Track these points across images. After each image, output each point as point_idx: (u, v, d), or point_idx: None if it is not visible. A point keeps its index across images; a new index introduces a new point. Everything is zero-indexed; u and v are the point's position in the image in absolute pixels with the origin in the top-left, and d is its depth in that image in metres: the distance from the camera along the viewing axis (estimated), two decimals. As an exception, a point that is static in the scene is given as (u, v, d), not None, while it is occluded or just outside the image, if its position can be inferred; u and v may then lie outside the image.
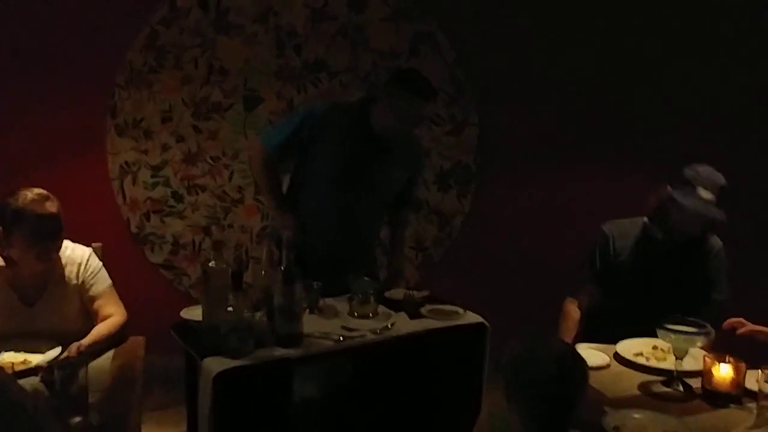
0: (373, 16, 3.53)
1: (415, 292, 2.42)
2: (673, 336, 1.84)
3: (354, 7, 3.51)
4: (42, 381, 1.74)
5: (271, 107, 3.54)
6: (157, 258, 3.65)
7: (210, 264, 1.96)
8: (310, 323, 2.11)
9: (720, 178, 2.25)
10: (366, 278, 2.31)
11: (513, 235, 3.70)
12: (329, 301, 2.32)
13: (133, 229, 3.61)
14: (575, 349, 1.49)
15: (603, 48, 3.63)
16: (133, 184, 3.58)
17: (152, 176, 3.58)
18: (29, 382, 1.77)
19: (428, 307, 2.29)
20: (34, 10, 3.34)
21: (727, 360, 1.82)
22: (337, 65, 3.54)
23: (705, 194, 2.22)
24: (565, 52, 3.63)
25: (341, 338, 2.02)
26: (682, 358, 1.89)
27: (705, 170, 2.27)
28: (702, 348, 1.99)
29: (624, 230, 2.50)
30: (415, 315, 2.24)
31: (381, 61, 3.56)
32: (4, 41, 3.33)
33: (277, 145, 2.54)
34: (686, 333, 1.84)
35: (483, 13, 3.59)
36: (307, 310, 2.23)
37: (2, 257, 2.09)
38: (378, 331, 2.09)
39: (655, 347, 2.14)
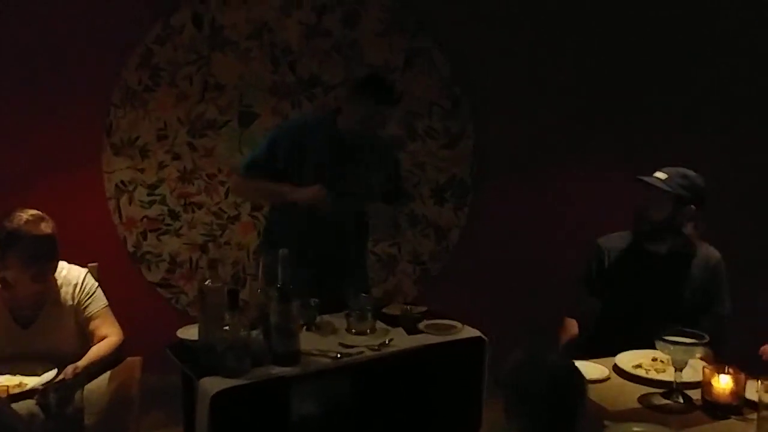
0: (366, 31, 3.55)
1: (412, 308, 2.41)
2: (671, 347, 1.83)
3: (347, 23, 3.53)
4: (37, 404, 1.72)
5: (267, 123, 3.54)
6: (154, 277, 3.63)
7: (206, 282, 1.95)
8: (308, 340, 2.10)
9: (685, 170, 2.38)
10: (364, 295, 2.30)
11: (510, 247, 3.70)
12: (327, 317, 2.31)
13: (130, 248, 3.60)
14: (573, 363, 1.48)
15: (598, 60, 3.65)
16: (130, 203, 3.57)
17: (148, 194, 3.57)
18: (25, 406, 1.76)
19: (426, 322, 2.28)
20: (29, 29, 3.35)
21: (726, 371, 1.81)
22: (331, 80, 3.56)
23: (660, 174, 2.38)
24: (560, 64, 3.66)
25: (339, 355, 2.01)
26: (681, 370, 1.88)
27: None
28: (702, 359, 1.98)
29: (616, 243, 2.54)
30: (412, 330, 2.23)
31: (375, 76, 3.57)
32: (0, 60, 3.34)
33: (251, 163, 2.66)
34: (685, 344, 1.83)
35: (477, 27, 3.62)
36: (305, 328, 2.22)
37: (-3, 279, 2.08)
38: (376, 347, 2.08)
39: (654, 359, 2.13)
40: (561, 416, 1.41)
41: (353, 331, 2.20)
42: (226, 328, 1.84)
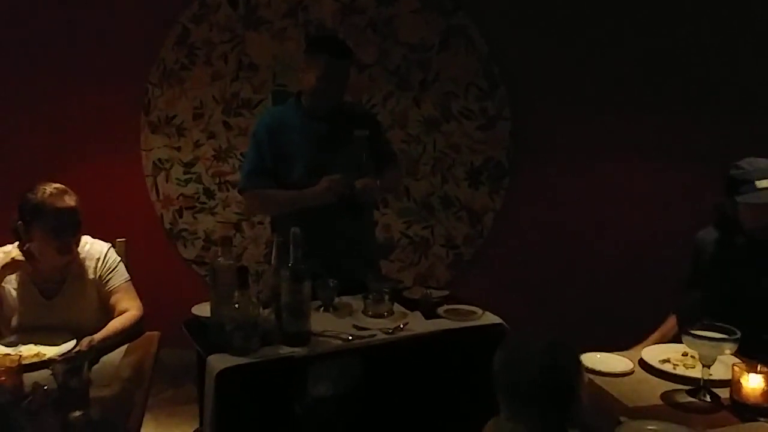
0: (402, 8, 3.47)
1: (433, 291, 2.36)
2: (697, 342, 1.72)
3: (383, 0, 3.46)
4: (53, 374, 1.76)
5: (300, 103, 3.52)
6: (189, 254, 3.69)
7: (218, 259, 1.94)
8: (323, 321, 2.08)
9: None
10: (383, 277, 2.26)
11: (547, 234, 3.58)
12: (345, 299, 2.28)
13: (167, 225, 3.66)
14: (562, 339, 1.40)
15: (640, 41, 3.47)
16: (166, 180, 3.63)
17: (184, 173, 3.62)
18: (42, 375, 1.80)
19: (445, 307, 2.22)
20: (67, 9, 3.42)
21: (758, 369, 1.68)
22: (366, 59, 3.50)
23: (763, 183, 2.13)
24: (601, 45, 3.49)
25: (350, 337, 1.98)
26: (709, 366, 1.76)
27: (751, 162, 2.17)
28: (735, 355, 1.85)
29: (710, 237, 2.38)
30: (431, 315, 2.18)
31: (411, 55, 3.50)
32: (38, 41, 3.43)
33: (246, 174, 2.53)
34: (713, 339, 1.71)
35: (516, 5, 3.49)
36: (322, 308, 2.20)
37: (23, 252, 2.13)
38: (389, 330, 2.04)
39: (684, 354, 2.01)
40: (558, 393, 1.33)
41: (369, 313, 2.17)
42: (236, 306, 1.83)
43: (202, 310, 2.05)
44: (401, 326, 2.07)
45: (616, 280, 3.48)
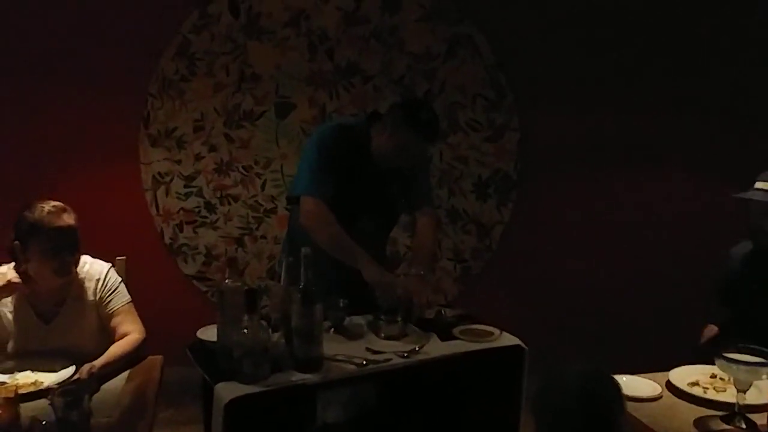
0: (407, 17, 3.40)
1: (447, 310, 2.27)
2: (734, 367, 1.63)
3: (387, 9, 3.39)
4: (51, 404, 1.66)
5: (303, 114, 3.45)
6: (190, 270, 3.59)
7: (226, 281, 1.85)
8: (334, 344, 1.98)
9: None
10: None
11: (556, 247, 3.50)
12: (356, 319, 2.19)
13: (167, 240, 3.57)
14: (602, 369, 1.32)
15: (650, 50, 3.41)
16: (166, 194, 3.53)
17: (185, 186, 3.53)
18: (39, 405, 1.70)
19: (461, 327, 2.13)
20: (66, 19, 3.33)
21: (797, 395, 1.60)
22: (370, 69, 3.43)
23: (761, 185, 2.18)
24: (615, 53, 3.42)
25: (364, 362, 1.88)
26: (745, 391, 1.67)
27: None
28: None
29: (742, 251, 2.38)
30: (446, 336, 2.09)
31: (416, 64, 3.43)
32: (36, 51, 3.33)
33: (315, 181, 2.25)
34: (749, 364, 1.63)
35: (523, 14, 3.43)
36: (332, 330, 2.11)
37: (19, 273, 2.03)
38: (405, 354, 1.94)
39: (713, 375, 1.93)
40: (598, 426, 1.25)
41: (382, 335, 2.07)
42: (245, 330, 1.74)
43: (208, 334, 1.95)
44: (417, 349, 1.97)
45: (629, 293, 3.41)
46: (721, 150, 3.31)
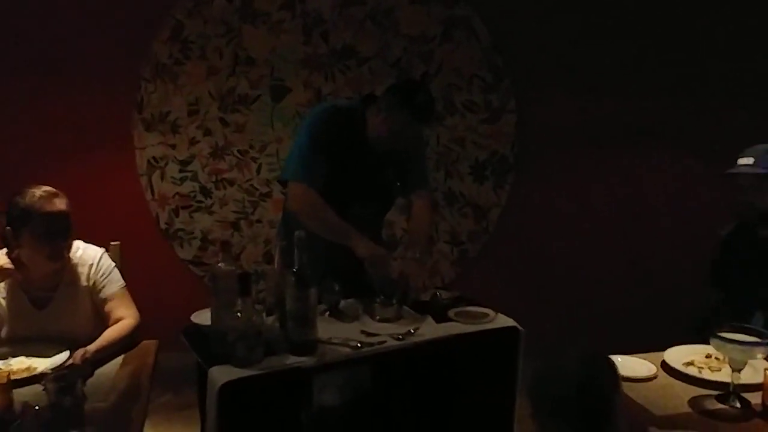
0: (402, -1, 3.36)
1: (442, 292, 2.27)
2: (728, 346, 1.63)
3: (383, -10, 3.35)
4: (44, 389, 1.66)
5: (299, 98, 3.42)
6: (186, 254, 3.58)
7: (218, 265, 1.84)
8: (328, 327, 1.98)
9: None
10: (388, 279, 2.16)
11: (553, 229, 3.50)
12: (351, 302, 2.18)
13: (162, 225, 3.55)
14: (600, 353, 1.31)
15: (647, 32, 3.38)
16: (162, 179, 3.51)
17: (180, 171, 3.51)
18: (33, 390, 1.70)
19: (456, 309, 2.13)
20: (59, 4, 3.29)
21: (792, 374, 1.60)
22: (366, 51, 3.39)
23: (743, 160, 2.21)
24: (608, 36, 3.39)
25: (359, 345, 1.87)
26: (739, 371, 1.67)
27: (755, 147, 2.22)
28: (766, 359, 1.77)
29: (729, 230, 2.41)
30: (441, 318, 2.08)
31: (412, 47, 3.40)
32: (30, 36, 3.30)
33: (305, 166, 2.22)
34: (743, 343, 1.62)
35: (520, -6, 3.39)
36: (327, 312, 2.10)
37: (11, 259, 2.01)
38: (399, 336, 1.94)
39: (708, 356, 1.93)
40: (596, 410, 1.26)
41: (377, 317, 2.07)
42: (238, 314, 1.73)
43: (202, 318, 1.94)
44: (412, 331, 1.97)
45: (624, 276, 3.41)
46: (721, 134, 3.29)
